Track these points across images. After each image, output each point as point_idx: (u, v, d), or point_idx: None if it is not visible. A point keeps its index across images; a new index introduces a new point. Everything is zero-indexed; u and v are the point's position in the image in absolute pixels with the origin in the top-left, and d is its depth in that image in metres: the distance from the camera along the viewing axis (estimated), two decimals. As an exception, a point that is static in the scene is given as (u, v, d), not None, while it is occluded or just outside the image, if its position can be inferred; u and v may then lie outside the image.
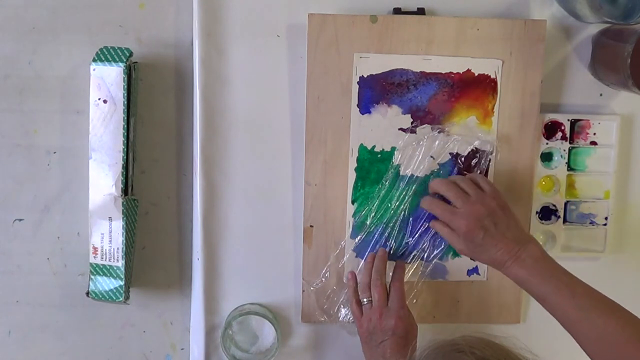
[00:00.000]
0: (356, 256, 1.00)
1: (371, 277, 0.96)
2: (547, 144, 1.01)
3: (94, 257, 0.97)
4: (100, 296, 0.97)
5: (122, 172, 0.95)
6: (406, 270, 1.00)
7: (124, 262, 0.96)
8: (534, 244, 0.89)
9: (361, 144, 0.98)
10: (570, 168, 1.02)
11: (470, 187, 0.92)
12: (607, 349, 0.80)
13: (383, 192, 0.99)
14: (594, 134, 1.02)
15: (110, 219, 0.96)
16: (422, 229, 0.99)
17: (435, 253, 1.00)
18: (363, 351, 0.95)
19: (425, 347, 0.82)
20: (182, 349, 1.05)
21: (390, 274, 0.97)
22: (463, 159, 0.98)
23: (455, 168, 0.99)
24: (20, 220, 1.01)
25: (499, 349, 0.74)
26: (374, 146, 0.98)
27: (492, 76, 0.97)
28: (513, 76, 0.97)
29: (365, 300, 0.95)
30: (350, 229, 1.00)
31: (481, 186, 0.93)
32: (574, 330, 0.83)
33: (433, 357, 0.73)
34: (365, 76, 0.96)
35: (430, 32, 0.96)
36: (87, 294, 0.98)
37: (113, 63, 0.94)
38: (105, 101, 0.94)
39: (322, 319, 1.01)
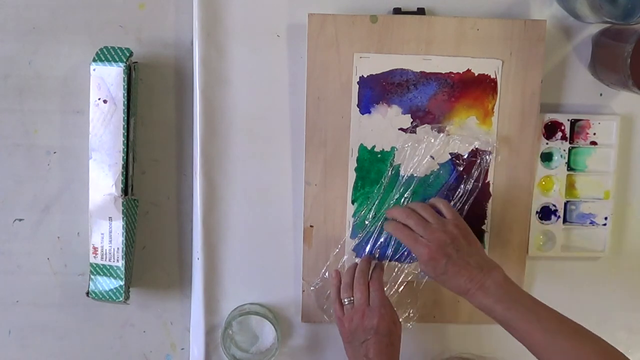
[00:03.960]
0: (356, 256, 1.00)
1: (354, 278, 0.96)
2: (547, 144, 1.01)
3: (94, 257, 0.97)
4: (100, 296, 0.97)
5: (122, 172, 0.95)
6: (405, 271, 1.00)
7: (124, 262, 0.96)
8: (497, 270, 0.88)
9: (361, 144, 0.98)
10: (570, 168, 1.02)
11: (430, 214, 0.92)
12: None
13: (383, 192, 0.99)
14: (594, 134, 1.02)
15: (110, 219, 0.96)
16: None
17: (435, 253, 1.00)
18: (346, 351, 0.94)
19: None
20: (182, 349, 1.05)
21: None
22: (463, 159, 0.98)
23: (455, 168, 0.99)
24: (20, 220, 1.01)
25: None
26: (374, 146, 0.98)
27: (492, 76, 0.97)
28: (513, 76, 0.97)
29: (346, 300, 0.95)
30: (350, 229, 1.00)
31: (443, 213, 0.93)
32: (543, 356, 0.82)
33: None
34: (365, 76, 0.96)
35: (430, 32, 0.96)
36: (87, 294, 0.98)
37: (113, 63, 0.94)
38: (105, 101, 0.94)
39: (322, 319, 1.01)
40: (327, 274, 0.99)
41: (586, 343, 0.80)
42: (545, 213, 1.02)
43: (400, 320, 1.00)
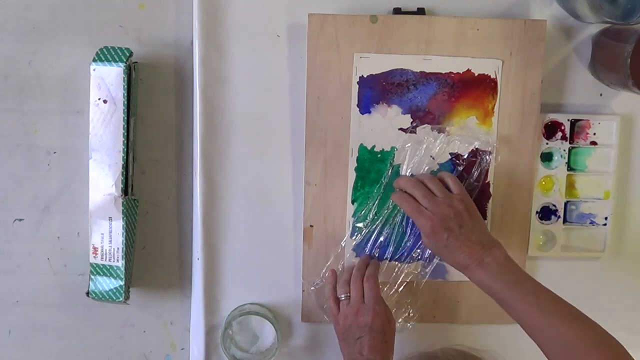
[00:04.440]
0: (356, 256, 1.00)
1: (351, 275, 0.96)
2: (547, 144, 1.01)
3: (94, 257, 0.97)
4: (100, 296, 0.97)
5: (122, 172, 0.95)
6: (405, 271, 1.00)
7: (124, 262, 0.96)
8: (498, 248, 0.88)
9: (361, 144, 0.98)
10: (570, 168, 1.02)
11: (438, 187, 0.92)
12: (572, 357, 0.79)
13: (383, 192, 0.99)
14: (594, 134, 1.02)
15: (110, 219, 0.96)
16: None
17: (435, 253, 1.00)
18: (340, 349, 0.94)
19: (404, 358, 0.82)
20: (182, 349, 1.05)
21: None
22: (463, 159, 0.98)
23: (455, 168, 0.99)
24: (20, 220, 1.01)
25: None
26: (374, 146, 0.98)
27: (492, 76, 0.97)
28: (513, 76, 0.97)
29: (343, 296, 0.95)
30: (350, 229, 1.00)
31: (450, 187, 0.93)
32: (538, 338, 0.82)
33: None
34: (365, 76, 0.96)
35: (430, 32, 0.96)
36: (87, 294, 0.98)
37: (113, 63, 0.94)
38: (105, 101, 0.94)
39: (322, 319, 1.01)
40: (327, 273, 0.99)
41: (582, 328, 0.80)
42: (545, 213, 1.02)
43: (400, 320, 1.00)
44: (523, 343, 0.87)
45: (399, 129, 0.98)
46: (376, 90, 0.97)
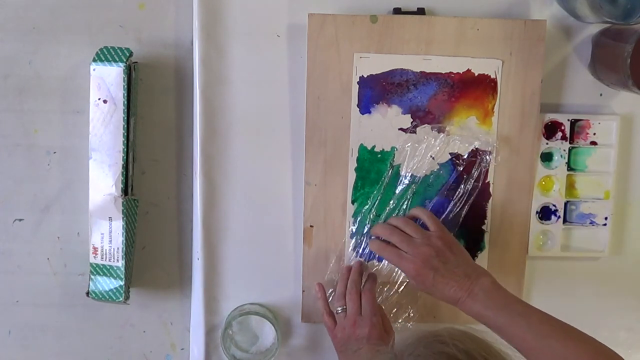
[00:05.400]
0: (356, 256, 1.00)
1: (346, 287, 0.96)
2: (547, 144, 1.01)
3: (94, 257, 0.97)
4: (100, 296, 0.97)
5: (122, 172, 0.95)
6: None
7: (124, 262, 0.96)
8: (485, 276, 0.88)
9: (361, 144, 0.98)
10: (570, 168, 1.02)
11: (413, 229, 0.93)
12: None
13: (383, 192, 0.99)
14: (594, 134, 1.02)
15: (110, 219, 0.96)
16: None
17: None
18: None
19: (408, 337, 0.83)
20: (182, 349, 1.05)
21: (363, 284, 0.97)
22: (463, 159, 0.98)
23: (455, 168, 0.99)
24: (20, 220, 1.01)
25: (480, 342, 0.74)
26: (374, 146, 0.98)
27: (492, 76, 0.97)
28: (513, 76, 0.97)
29: (339, 309, 0.95)
30: (350, 229, 1.00)
31: (426, 225, 0.93)
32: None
33: (415, 347, 0.72)
34: (365, 76, 0.97)
35: (430, 32, 0.96)
36: (87, 294, 0.98)
37: (113, 63, 0.94)
38: (105, 101, 0.94)
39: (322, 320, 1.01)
40: (332, 274, 0.99)
41: (577, 343, 0.80)
42: (545, 213, 1.02)
43: (401, 320, 1.00)
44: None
45: (399, 129, 0.98)
46: (376, 90, 0.97)
